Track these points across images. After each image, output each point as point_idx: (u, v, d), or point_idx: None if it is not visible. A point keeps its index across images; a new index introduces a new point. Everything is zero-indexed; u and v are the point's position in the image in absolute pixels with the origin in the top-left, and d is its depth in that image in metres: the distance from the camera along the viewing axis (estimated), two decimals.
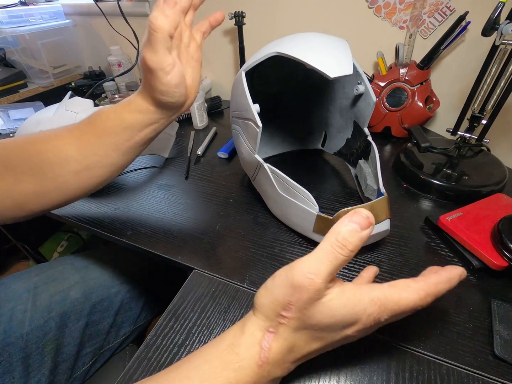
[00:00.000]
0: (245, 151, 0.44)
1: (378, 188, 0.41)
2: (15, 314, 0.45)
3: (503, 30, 0.41)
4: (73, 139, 0.36)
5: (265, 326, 0.23)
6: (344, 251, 0.22)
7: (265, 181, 0.42)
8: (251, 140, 0.41)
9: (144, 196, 0.54)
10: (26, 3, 1.03)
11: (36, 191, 0.36)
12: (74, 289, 0.50)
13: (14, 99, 0.92)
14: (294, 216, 0.41)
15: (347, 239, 0.22)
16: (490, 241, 0.37)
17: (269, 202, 0.46)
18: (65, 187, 0.37)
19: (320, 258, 0.22)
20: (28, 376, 0.43)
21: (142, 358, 0.31)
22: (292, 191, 0.38)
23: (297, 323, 0.23)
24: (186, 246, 0.43)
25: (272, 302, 0.23)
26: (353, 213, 0.22)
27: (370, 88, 0.42)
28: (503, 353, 0.29)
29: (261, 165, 0.41)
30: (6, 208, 0.36)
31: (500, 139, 0.62)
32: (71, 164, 0.36)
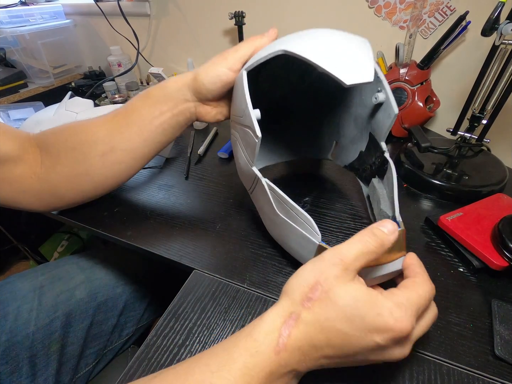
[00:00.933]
0: (242, 161, 0.38)
1: (393, 215, 0.34)
2: (21, 313, 0.45)
3: (503, 30, 0.41)
4: (105, 121, 0.41)
5: (288, 312, 0.23)
6: (374, 240, 0.24)
7: (263, 198, 0.37)
8: (248, 150, 0.35)
9: (144, 196, 0.54)
10: (26, 3, 1.03)
11: (68, 174, 0.41)
12: (79, 289, 0.50)
13: (14, 99, 0.92)
14: (292, 241, 0.36)
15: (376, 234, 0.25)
16: (490, 241, 0.37)
17: (265, 221, 0.41)
18: (92, 171, 0.41)
19: (351, 244, 0.24)
20: (34, 376, 0.43)
21: (143, 359, 0.31)
22: (292, 214, 0.33)
23: (319, 307, 0.22)
24: (186, 246, 0.43)
25: (301, 283, 0.24)
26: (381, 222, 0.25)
27: (392, 97, 0.35)
28: (504, 353, 0.29)
29: (259, 180, 0.35)
30: (43, 192, 0.41)
31: (500, 139, 0.62)
32: (99, 145, 0.40)
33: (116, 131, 0.40)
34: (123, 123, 0.40)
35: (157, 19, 0.95)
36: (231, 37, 0.88)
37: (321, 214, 0.48)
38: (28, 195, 0.41)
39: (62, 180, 0.41)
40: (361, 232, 0.25)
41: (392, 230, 0.25)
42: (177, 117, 0.40)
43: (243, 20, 0.78)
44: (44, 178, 0.40)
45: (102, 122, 0.41)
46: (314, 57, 0.28)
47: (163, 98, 0.39)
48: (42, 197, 0.42)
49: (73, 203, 0.45)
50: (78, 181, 0.41)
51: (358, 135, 0.45)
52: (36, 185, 0.40)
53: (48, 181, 0.40)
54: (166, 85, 0.39)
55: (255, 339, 0.23)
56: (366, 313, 0.22)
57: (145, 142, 0.40)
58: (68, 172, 0.40)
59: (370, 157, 0.42)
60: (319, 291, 0.23)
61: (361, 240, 0.24)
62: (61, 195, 0.42)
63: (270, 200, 0.35)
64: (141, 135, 0.40)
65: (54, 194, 0.42)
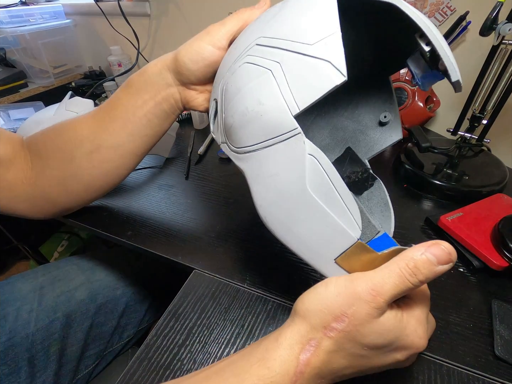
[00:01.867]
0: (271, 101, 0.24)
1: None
2: (21, 314, 0.45)
3: (501, 30, 0.41)
4: (89, 118, 0.39)
5: (307, 338, 0.21)
6: (413, 280, 0.20)
7: (285, 162, 0.24)
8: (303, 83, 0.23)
9: (144, 196, 0.54)
10: (26, 3, 1.03)
11: (57, 177, 0.39)
12: (79, 290, 0.50)
13: (14, 99, 0.92)
14: (313, 231, 0.25)
15: (420, 268, 0.20)
16: (490, 241, 0.37)
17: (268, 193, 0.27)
18: (80, 172, 0.39)
19: (386, 278, 0.20)
20: (33, 377, 0.43)
21: (143, 358, 0.31)
22: (334, 197, 0.23)
23: (345, 338, 0.21)
24: (186, 246, 0.43)
25: (323, 310, 0.21)
26: (432, 243, 0.20)
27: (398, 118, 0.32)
28: (504, 354, 0.29)
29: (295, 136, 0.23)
30: (35, 198, 0.40)
31: (500, 139, 0.62)
32: (85, 144, 0.38)
33: (100, 128, 0.37)
34: (106, 118, 0.37)
35: (157, 19, 0.95)
36: None
37: None
38: (21, 200, 0.40)
39: (52, 183, 0.39)
40: (401, 258, 0.21)
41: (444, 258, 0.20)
42: (160, 105, 0.36)
43: None
44: (35, 183, 0.39)
45: (86, 119, 0.38)
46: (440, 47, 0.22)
47: (144, 85, 0.35)
48: (35, 202, 0.40)
49: (67, 208, 0.43)
50: (67, 183, 0.39)
51: (330, 146, 0.41)
52: (28, 190, 0.39)
53: (39, 185, 0.39)
54: (145, 69, 0.35)
55: (269, 368, 0.21)
56: (395, 339, 0.21)
57: (130, 136, 0.37)
58: (57, 175, 0.39)
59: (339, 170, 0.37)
60: (346, 323, 0.21)
61: (400, 276, 0.20)
62: (53, 199, 0.41)
63: (303, 170, 0.24)
64: (125, 129, 0.37)
65: (47, 199, 0.40)
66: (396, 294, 0.20)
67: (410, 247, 0.21)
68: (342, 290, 0.21)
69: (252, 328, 0.33)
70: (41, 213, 0.43)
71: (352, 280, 0.21)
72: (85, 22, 1.06)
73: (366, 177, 0.37)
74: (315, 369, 0.21)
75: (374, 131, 0.36)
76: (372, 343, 0.21)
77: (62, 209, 0.43)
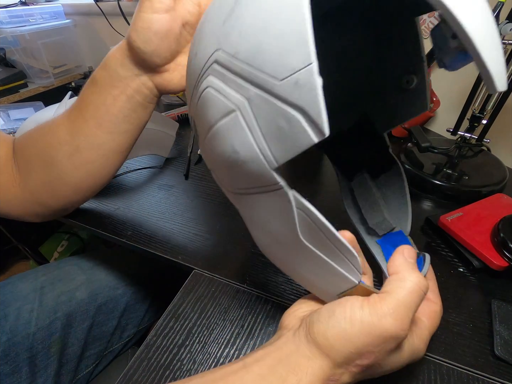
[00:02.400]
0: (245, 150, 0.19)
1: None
2: (22, 314, 0.45)
3: (502, 30, 0.41)
4: (64, 119, 0.36)
5: (329, 374, 0.20)
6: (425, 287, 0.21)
7: (274, 213, 0.22)
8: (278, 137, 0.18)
9: (144, 196, 0.54)
10: (26, 3, 1.03)
11: (43, 180, 0.38)
12: (80, 290, 0.50)
13: (14, 99, 0.92)
14: (314, 275, 0.25)
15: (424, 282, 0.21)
16: (490, 241, 0.37)
17: (265, 239, 0.26)
18: (64, 175, 0.37)
19: (407, 302, 0.20)
20: (34, 377, 0.43)
21: (142, 359, 0.31)
22: (329, 246, 0.21)
23: (365, 372, 0.21)
24: (186, 246, 0.43)
25: (351, 351, 0.20)
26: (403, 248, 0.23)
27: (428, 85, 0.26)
28: (504, 354, 0.29)
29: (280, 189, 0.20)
30: (26, 201, 0.39)
31: (500, 139, 0.62)
32: (64, 147, 0.36)
33: (76, 128, 0.35)
34: (80, 118, 0.35)
35: None
36: None
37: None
38: (14, 204, 0.39)
39: (39, 186, 0.38)
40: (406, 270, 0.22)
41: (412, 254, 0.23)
42: (134, 98, 0.33)
43: None
44: (23, 186, 0.38)
45: (62, 121, 0.36)
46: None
47: (109, 80, 0.32)
48: (27, 206, 0.40)
49: (60, 210, 0.42)
50: (53, 186, 0.38)
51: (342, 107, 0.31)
52: (19, 194, 0.38)
53: (27, 188, 0.38)
54: (108, 62, 0.32)
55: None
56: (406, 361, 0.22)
57: (109, 134, 0.35)
58: (42, 178, 0.38)
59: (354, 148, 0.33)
60: (371, 360, 0.20)
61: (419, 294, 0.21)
62: (43, 202, 0.40)
63: (293, 221, 0.21)
64: (101, 128, 0.34)
65: (37, 202, 0.40)
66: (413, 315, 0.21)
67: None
68: (371, 329, 0.19)
69: (252, 328, 0.33)
70: (36, 216, 0.42)
71: (378, 315, 0.20)
72: (85, 22, 1.06)
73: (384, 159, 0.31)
74: None
75: (396, 97, 0.29)
76: (386, 370, 0.22)
77: (55, 211, 0.42)
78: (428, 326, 0.24)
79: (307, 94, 0.15)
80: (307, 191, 0.52)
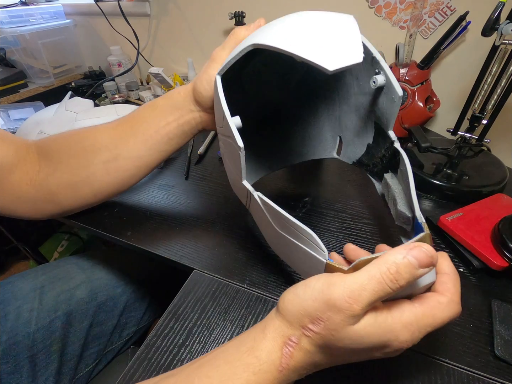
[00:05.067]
0: (232, 176, 0.34)
1: (413, 215, 0.28)
2: (22, 313, 0.45)
3: (503, 30, 0.41)
4: (110, 129, 0.41)
5: (288, 334, 0.23)
6: (394, 285, 0.19)
7: (259, 214, 0.32)
8: (235, 163, 0.31)
9: (144, 196, 0.54)
10: (26, 3, 1.03)
11: (68, 181, 0.40)
12: (80, 289, 0.50)
13: (14, 99, 0.92)
14: (297, 260, 0.31)
15: (401, 273, 0.19)
16: (490, 241, 0.37)
17: (266, 236, 0.37)
18: (94, 178, 0.40)
19: (365, 284, 0.20)
20: (35, 375, 0.43)
21: (143, 359, 0.31)
22: (292, 230, 0.28)
23: (322, 340, 0.21)
24: (186, 246, 0.43)
25: (300, 312, 0.22)
26: (414, 246, 0.20)
27: (393, 78, 0.30)
28: (504, 354, 0.29)
29: (251, 195, 0.31)
30: (39, 199, 0.41)
31: (500, 139, 0.62)
32: (103, 153, 0.40)
33: (121, 139, 0.40)
34: (129, 132, 0.40)
35: (157, 19, 0.95)
36: None
37: (321, 214, 0.48)
38: (23, 201, 0.40)
39: (61, 186, 0.40)
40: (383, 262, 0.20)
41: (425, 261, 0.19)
42: (182, 127, 0.40)
43: (243, 20, 0.78)
44: (41, 185, 0.40)
45: (107, 129, 0.41)
46: (287, 45, 0.24)
47: (169, 108, 0.39)
48: (37, 204, 0.41)
49: (71, 210, 0.44)
50: (78, 187, 0.41)
51: (363, 127, 0.40)
52: (31, 192, 0.40)
53: (45, 187, 0.40)
54: (171, 96, 0.40)
55: (257, 356, 0.23)
56: (373, 345, 0.21)
57: (150, 150, 0.41)
58: (67, 179, 0.40)
59: (379, 150, 0.37)
60: (322, 327, 0.21)
61: (380, 282, 0.20)
62: (58, 201, 0.42)
63: (266, 216, 0.30)
64: (146, 144, 0.40)
65: (51, 201, 0.41)
66: (374, 300, 0.20)
67: (383, 253, 0.21)
68: (319, 295, 0.21)
69: None
70: (41, 214, 0.43)
71: (329, 284, 0.21)
72: (85, 22, 1.06)
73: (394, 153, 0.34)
74: (298, 362, 0.22)
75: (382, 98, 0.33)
76: (348, 347, 0.21)
77: (66, 210, 0.44)
78: (419, 312, 0.21)
79: (229, 129, 0.28)
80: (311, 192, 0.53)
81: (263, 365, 0.22)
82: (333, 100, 0.45)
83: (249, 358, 0.23)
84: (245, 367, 0.22)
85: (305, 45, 0.24)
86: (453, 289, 0.22)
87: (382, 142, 0.36)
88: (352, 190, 0.53)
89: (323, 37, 0.25)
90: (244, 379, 0.22)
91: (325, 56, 0.23)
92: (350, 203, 0.50)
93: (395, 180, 0.34)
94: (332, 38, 0.24)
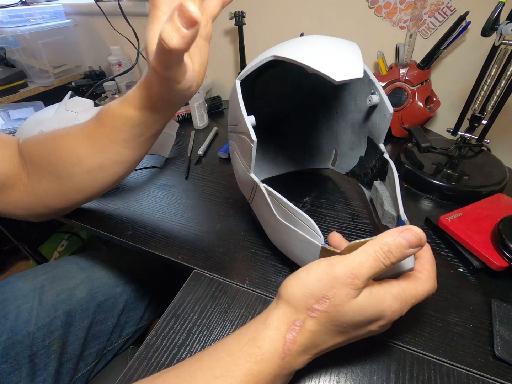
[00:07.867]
0: (240, 170, 0.38)
1: (398, 214, 0.33)
2: (22, 313, 0.45)
3: (503, 30, 0.41)
4: (84, 137, 0.37)
5: (292, 319, 0.24)
6: (386, 262, 0.22)
7: (262, 204, 0.36)
8: (246, 156, 0.35)
9: (145, 196, 0.54)
10: (26, 3, 1.03)
11: (55, 189, 0.39)
12: (79, 288, 0.50)
13: (14, 98, 0.92)
14: (294, 246, 0.35)
15: (392, 252, 0.22)
16: (490, 241, 0.37)
17: (267, 228, 0.40)
18: (82, 186, 0.39)
19: (363, 262, 0.22)
20: (34, 375, 0.43)
21: (142, 358, 0.31)
22: (292, 217, 0.32)
23: (327, 317, 0.23)
24: (186, 246, 0.43)
25: (306, 294, 0.23)
26: (405, 228, 0.23)
27: (385, 97, 0.36)
28: (504, 354, 0.29)
29: (257, 186, 0.35)
30: (31, 204, 0.40)
31: (500, 139, 0.62)
32: (84, 163, 0.37)
33: (99, 149, 0.36)
34: (106, 141, 0.36)
35: None
36: (231, 37, 0.88)
37: (321, 214, 0.48)
38: (17, 206, 0.40)
39: (50, 195, 0.39)
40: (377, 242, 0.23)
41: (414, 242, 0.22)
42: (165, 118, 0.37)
43: (243, 20, 0.78)
44: (31, 191, 0.39)
45: (81, 138, 0.36)
46: (304, 58, 0.29)
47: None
48: (29, 208, 0.41)
49: (62, 212, 0.44)
50: (67, 195, 0.39)
51: (357, 141, 0.46)
52: (24, 197, 0.39)
53: (35, 193, 0.39)
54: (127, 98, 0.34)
55: (259, 346, 0.23)
56: (371, 315, 0.23)
57: (135, 151, 0.37)
58: (55, 187, 0.38)
59: (370, 161, 0.43)
60: (327, 304, 0.23)
61: (376, 259, 0.22)
62: (51, 206, 0.41)
63: (269, 205, 0.34)
64: (129, 148, 0.36)
65: (44, 205, 0.41)
66: (372, 275, 0.23)
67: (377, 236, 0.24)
68: (324, 276, 0.23)
69: None
70: (35, 216, 0.43)
71: (332, 265, 0.23)
72: (85, 22, 1.06)
73: (383, 163, 0.40)
74: (301, 346, 0.23)
75: (375, 115, 0.39)
76: (351, 320, 0.23)
77: (57, 213, 0.44)
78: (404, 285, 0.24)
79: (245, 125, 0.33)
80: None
81: (265, 354, 0.23)
82: (332, 118, 0.51)
83: (251, 349, 0.23)
84: (247, 357, 0.23)
85: (318, 60, 0.29)
86: (430, 268, 0.26)
87: (373, 154, 0.42)
88: (351, 190, 0.53)
89: (333, 56, 0.30)
90: (246, 368, 0.22)
91: (333, 69, 0.28)
92: (350, 203, 0.50)
93: (383, 186, 0.40)
94: (339, 57, 0.30)
